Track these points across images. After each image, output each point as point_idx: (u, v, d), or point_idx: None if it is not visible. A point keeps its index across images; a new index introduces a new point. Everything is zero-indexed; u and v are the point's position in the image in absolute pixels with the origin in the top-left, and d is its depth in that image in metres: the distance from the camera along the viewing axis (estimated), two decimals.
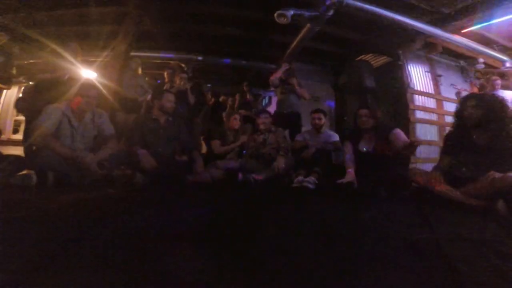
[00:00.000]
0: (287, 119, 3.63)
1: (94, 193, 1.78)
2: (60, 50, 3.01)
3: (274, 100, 5.80)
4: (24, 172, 2.08)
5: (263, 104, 8.70)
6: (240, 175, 2.71)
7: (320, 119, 3.09)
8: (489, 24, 3.83)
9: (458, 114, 2.04)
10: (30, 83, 3.18)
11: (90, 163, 2.04)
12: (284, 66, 3.78)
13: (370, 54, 5.40)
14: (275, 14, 3.39)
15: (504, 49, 4.48)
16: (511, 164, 1.72)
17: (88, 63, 4.51)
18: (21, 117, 3.75)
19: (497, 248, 1.00)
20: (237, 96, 5.40)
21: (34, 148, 2.14)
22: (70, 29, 4.97)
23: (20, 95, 3.76)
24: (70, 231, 1.06)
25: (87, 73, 3.87)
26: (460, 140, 1.97)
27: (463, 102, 2.02)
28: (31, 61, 5.65)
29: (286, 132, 3.40)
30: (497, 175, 1.61)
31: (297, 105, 3.81)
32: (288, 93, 3.76)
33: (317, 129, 3.13)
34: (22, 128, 3.15)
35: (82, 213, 1.34)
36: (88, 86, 2.33)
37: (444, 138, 2.24)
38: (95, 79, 3.67)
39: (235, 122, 3.12)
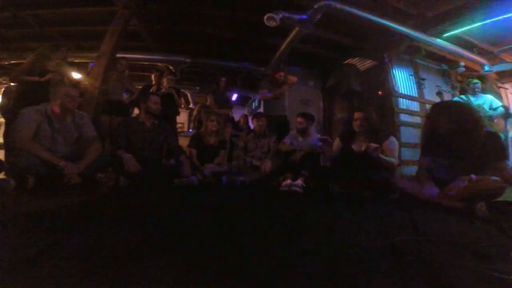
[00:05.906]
0: (277, 122, 3.64)
1: (76, 197, 1.73)
2: (49, 53, 2.89)
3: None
4: (1, 176, 2.00)
5: (253, 107, 8.68)
6: (224, 178, 2.69)
7: (301, 122, 3.12)
8: (469, 28, 3.97)
9: (430, 121, 2.00)
10: (12, 84, 3.05)
11: (71, 174, 1.96)
12: (280, 74, 3.78)
13: (357, 58, 5.49)
14: (265, 17, 3.41)
15: (484, 53, 4.64)
16: (483, 169, 1.76)
17: (73, 64, 4.41)
18: (1, 119, 3.60)
19: (476, 250, 1.02)
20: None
21: (14, 151, 2.06)
22: (56, 29, 4.86)
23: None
24: (49, 236, 1.02)
25: (72, 74, 3.78)
26: (435, 145, 1.96)
27: (433, 111, 2.00)
28: (13, 62, 5.49)
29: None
30: (475, 177, 1.65)
31: (286, 109, 3.85)
32: (278, 97, 3.78)
33: (299, 132, 3.16)
34: (1, 130, 3.02)
35: (62, 218, 1.29)
36: (72, 85, 2.27)
37: (421, 142, 2.22)
38: (79, 79, 3.59)
39: (213, 124, 3.10)
